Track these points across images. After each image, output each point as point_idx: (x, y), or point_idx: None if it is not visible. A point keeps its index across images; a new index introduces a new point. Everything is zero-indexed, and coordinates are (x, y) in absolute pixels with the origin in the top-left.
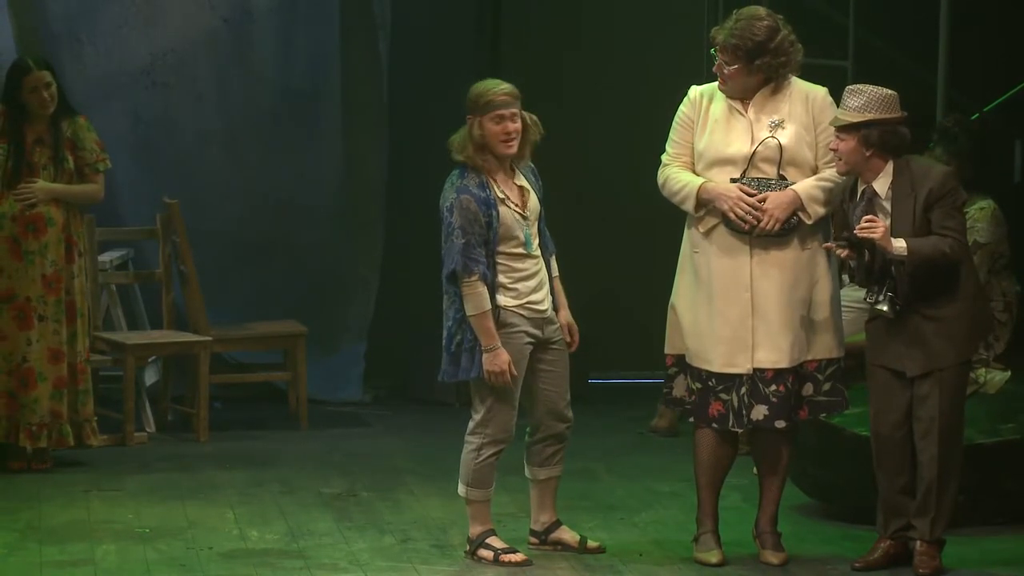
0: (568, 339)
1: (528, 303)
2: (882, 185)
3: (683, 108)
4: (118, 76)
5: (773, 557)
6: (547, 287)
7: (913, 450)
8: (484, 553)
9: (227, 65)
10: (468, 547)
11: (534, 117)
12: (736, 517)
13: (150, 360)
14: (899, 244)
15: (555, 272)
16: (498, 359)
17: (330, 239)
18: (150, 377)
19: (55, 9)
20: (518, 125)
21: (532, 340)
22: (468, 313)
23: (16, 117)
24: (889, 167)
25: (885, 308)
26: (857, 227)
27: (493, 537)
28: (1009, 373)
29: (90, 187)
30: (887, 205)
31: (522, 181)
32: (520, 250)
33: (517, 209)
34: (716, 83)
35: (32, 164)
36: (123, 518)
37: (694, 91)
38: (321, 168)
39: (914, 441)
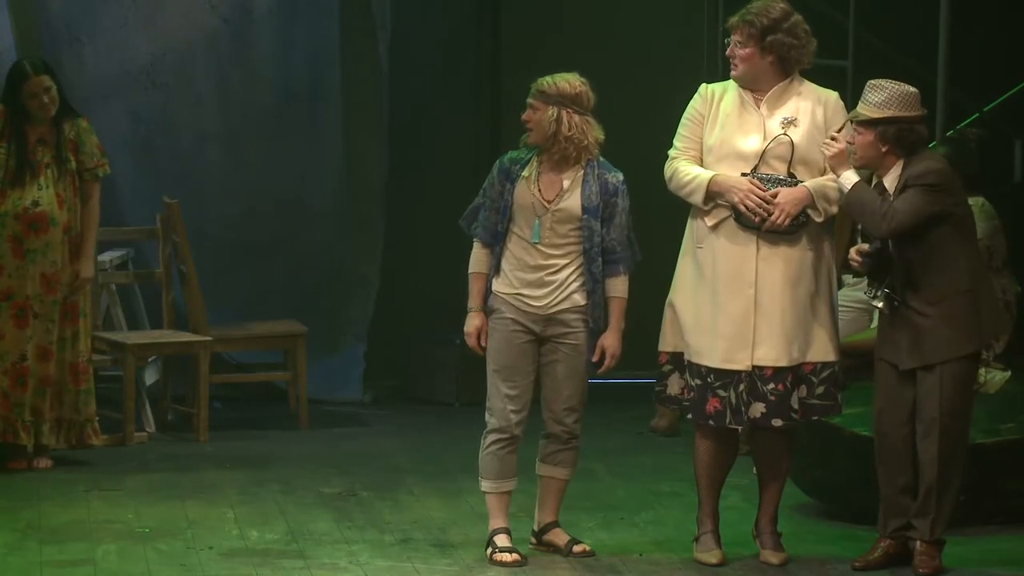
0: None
1: (520, 295)
2: (891, 182)
3: (694, 103)
4: (118, 76)
5: (773, 557)
6: (558, 288)
7: (915, 450)
8: (488, 550)
9: (227, 65)
10: None
11: (566, 118)
12: (736, 517)
13: (150, 360)
14: (848, 176)
15: (614, 292)
16: (469, 323)
17: (330, 239)
18: (150, 377)
19: (55, 9)
20: (528, 115)
21: (525, 332)
22: None
23: (17, 117)
24: (900, 164)
25: (880, 304)
26: (824, 143)
27: (501, 535)
28: (1009, 373)
29: (93, 214)
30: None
31: (571, 182)
32: (526, 237)
33: (538, 196)
34: (728, 81)
35: (34, 164)
36: (123, 518)
37: (706, 87)
38: (321, 168)
39: (915, 441)
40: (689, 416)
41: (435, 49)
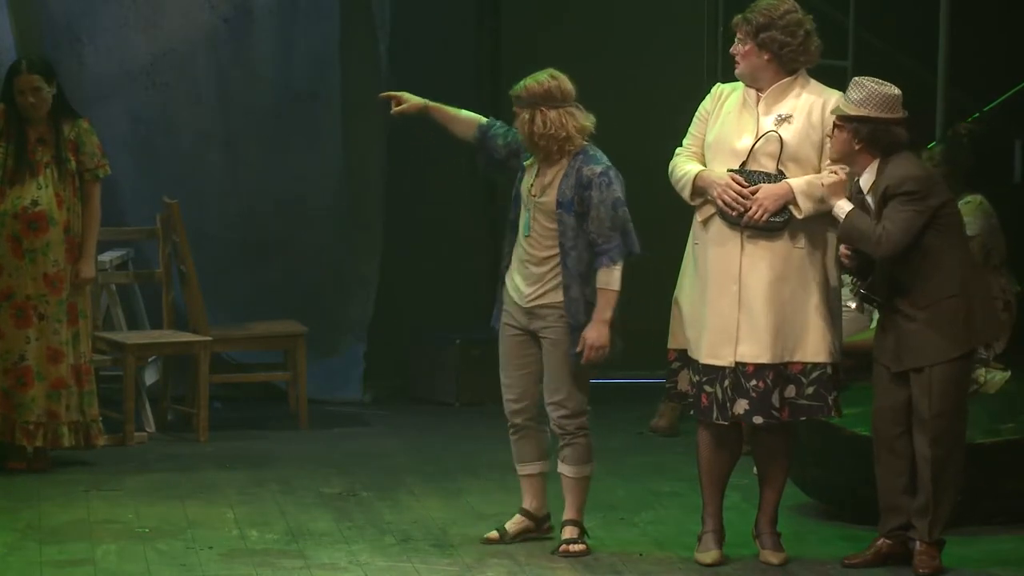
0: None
1: (512, 287)
2: (867, 181)
3: (703, 102)
4: (118, 76)
5: (773, 557)
6: (538, 281)
7: (914, 450)
8: None
9: (227, 65)
10: None
11: (539, 118)
12: (736, 517)
13: (150, 360)
14: (842, 205)
15: (598, 284)
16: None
17: (330, 239)
18: (150, 377)
19: (55, 9)
20: (516, 122)
21: (515, 324)
22: None
23: (16, 116)
24: (875, 164)
25: (853, 305)
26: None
27: (514, 517)
28: (1009, 373)
29: (94, 214)
30: (870, 200)
31: (553, 176)
32: (520, 226)
33: (529, 189)
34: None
35: (34, 163)
36: (123, 518)
37: (718, 86)
38: (321, 168)
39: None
40: (692, 412)
41: (435, 49)
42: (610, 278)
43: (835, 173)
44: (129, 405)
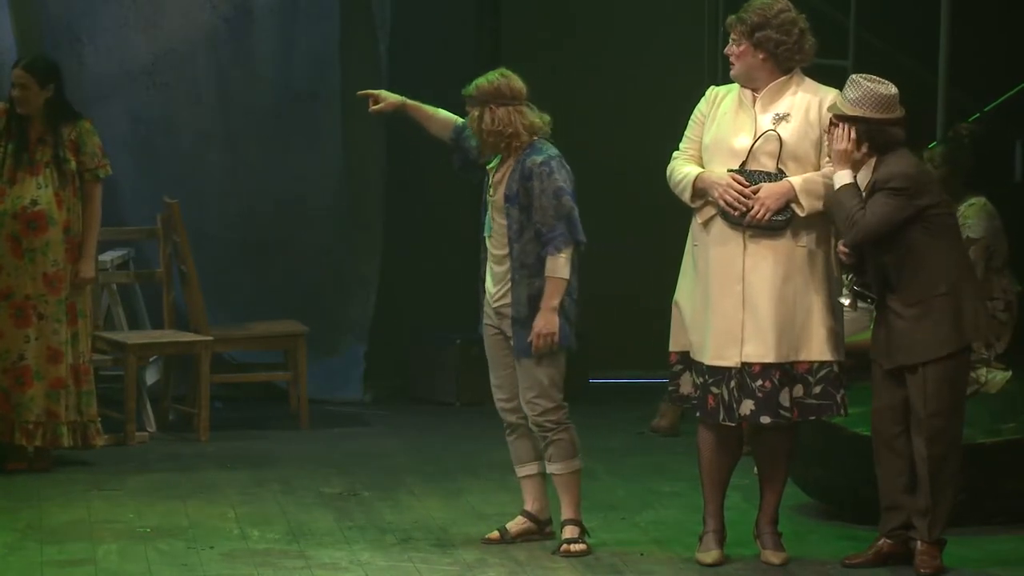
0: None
1: (485, 289)
2: (863, 179)
3: (699, 105)
4: (118, 76)
5: (773, 557)
6: (500, 280)
7: (913, 449)
8: None
9: (227, 65)
10: None
11: (487, 115)
12: (736, 517)
13: (151, 360)
14: (842, 175)
15: (546, 272)
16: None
17: (330, 239)
18: (151, 377)
19: (55, 9)
20: (471, 119)
21: (492, 325)
22: None
23: (17, 116)
24: (872, 162)
25: (846, 302)
26: (827, 135)
27: (515, 519)
28: (1010, 373)
29: (94, 215)
30: (864, 196)
31: (504, 173)
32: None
33: (490, 189)
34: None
35: (33, 163)
36: (124, 517)
37: (713, 89)
38: (321, 168)
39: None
40: (697, 414)
41: (435, 49)
42: (556, 266)
43: (844, 139)
44: (130, 405)
